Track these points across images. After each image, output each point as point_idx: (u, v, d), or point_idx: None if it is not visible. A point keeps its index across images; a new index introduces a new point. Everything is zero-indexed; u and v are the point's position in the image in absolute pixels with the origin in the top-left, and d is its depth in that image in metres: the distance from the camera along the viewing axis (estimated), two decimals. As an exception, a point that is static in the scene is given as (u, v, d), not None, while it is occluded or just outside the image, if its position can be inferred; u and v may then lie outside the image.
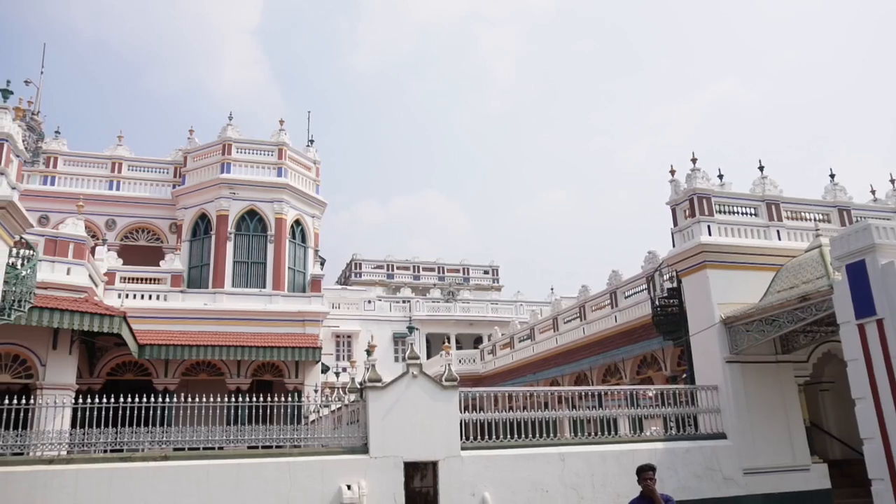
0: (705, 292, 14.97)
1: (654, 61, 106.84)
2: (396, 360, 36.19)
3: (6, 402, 11.56)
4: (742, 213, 16.14)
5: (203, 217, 28.15)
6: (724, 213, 15.89)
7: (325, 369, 25.86)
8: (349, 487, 11.80)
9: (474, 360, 34.20)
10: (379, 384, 12.72)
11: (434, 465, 12.45)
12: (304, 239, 29.35)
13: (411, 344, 13.87)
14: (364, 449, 12.43)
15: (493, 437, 13.19)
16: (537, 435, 13.43)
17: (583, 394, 14.61)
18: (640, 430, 14.46)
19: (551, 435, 13.60)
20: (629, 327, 20.93)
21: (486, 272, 53.37)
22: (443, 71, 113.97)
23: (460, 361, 32.70)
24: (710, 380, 14.78)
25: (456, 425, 12.87)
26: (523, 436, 13.34)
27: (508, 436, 13.26)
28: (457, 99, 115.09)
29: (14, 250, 13.29)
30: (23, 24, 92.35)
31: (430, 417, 12.76)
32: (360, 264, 50.84)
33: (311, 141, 32.31)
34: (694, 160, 16.00)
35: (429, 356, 35.91)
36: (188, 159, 29.68)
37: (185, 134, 30.69)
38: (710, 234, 15.27)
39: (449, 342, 35.51)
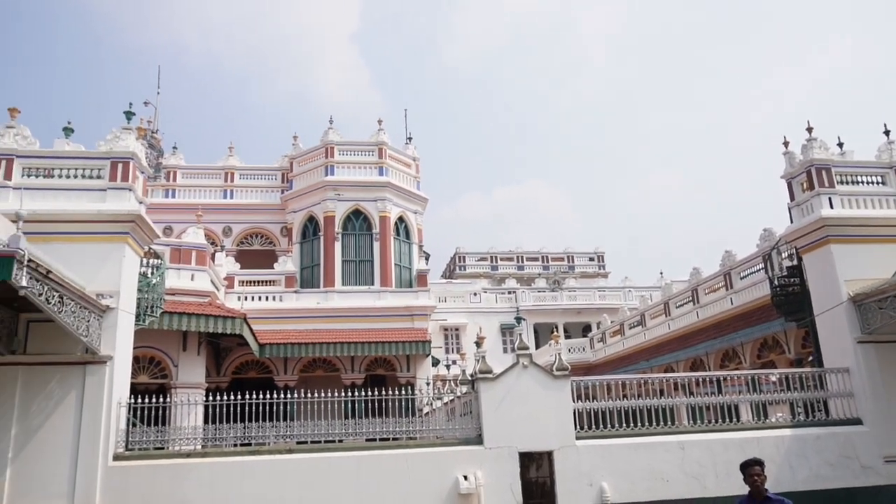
0: (830, 269, 14.07)
1: (760, 28, 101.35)
2: (505, 351, 36.22)
3: (146, 400, 12.47)
4: (867, 183, 15.04)
5: (311, 219, 29.18)
6: (847, 183, 14.85)
7: (435, 362, 26.26)
8: (466, 478, 11.93)
9: (583, 349, 33.75)
10: (490, 375, 12.78)
11: (549, 455, 12.39)
12: (408, 235, 29.86)
13: (520, 334, 13.87)
14: (478, 440, 12.54)
15: (608, 426, 12.98)
16: (653, 423, 13.10)
17: (700, 380, 14.10)
18: (764, 417, 13.81)
19: (668, 423, 13.23)
20: (746, 309, 20.01)
21: (591, 259, 52.42)
22: (539, 57, 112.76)
23: (569, 350, 32.36)
24: (839, 362, 13.91)
25: (569, 415, 12.76)
26: (639, 424, 13.04)
27: (624, 424, 13.01)
28: (555, 85, 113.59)
29: (144, 260, 14.29)
30: (140, 49, 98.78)
31: (543, 407, 12.70)
32: (464, 257, 51.16)
33: (410, 138, 32.81)
34: (809, 129, 15.04)
35: (537, 346, 35.72)
36: (294, 165, 30.85)
37: (290, 140, 31.92)
38: (831, 207, 14.34)
39: (557, 331, 35.14)
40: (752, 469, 6.51)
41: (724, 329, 21.33)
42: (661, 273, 42.06)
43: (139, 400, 12.49)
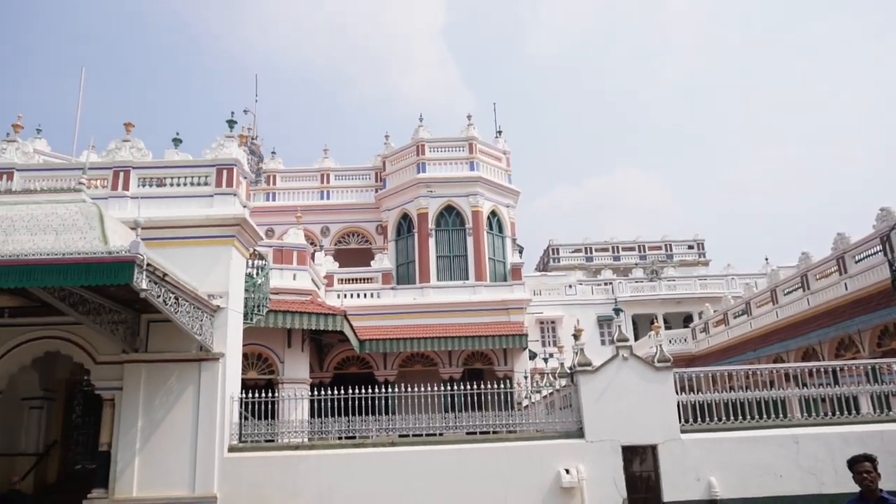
0: (958, 249, 13.05)
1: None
2: (603, 343, 35.64)
3: (255, 395, 13.08)
4: None
5: (405, 217, 29.65)
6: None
7: (532, 356, 26.13)
8: (567, 472, 11.85)
9: (685, 340, 32.72)
10: (589, 368, 12.62)
11: (653, 448, 12.11)
12: (500, 229, 29.84)
13: (618, 326, 13.59)
14: (579, 433, 12.42)
15: (714, 418, 12.55)
16: (763, 416, 12.56)
17: (813, 370, 13.41)
18: (888, 409, 12.95)
19: (780, 416, 12.65)
20: (863, 295, 18.83)
21: (690, 247, 50.68)
22: (628, 40, 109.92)
23: (670, 342, 31.45)
24: (971, 349, 12.88)
25: (673, 407, 12.43)
26: (748, 417, 12.54)
27: (731, 417, 12.54)
28: (645, 68, 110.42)
29: (250, 261, 14.96)
30: (237, 60, 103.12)
31: (645, 400, 12.43)
32: (558, 249, 50.60)
33: (500, 132, 32.75)
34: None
35: (636, 338, 34.92)
36: (386, 163, 31.43)
37: (382, 140, 32.55)
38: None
39: (657, 322, 34.23)
40: (860, 466, 5.78)
41: (838, 316, 20.15)
42: (767, 259, 40.15)
43: (249, 395, 13.12)
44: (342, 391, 13.09)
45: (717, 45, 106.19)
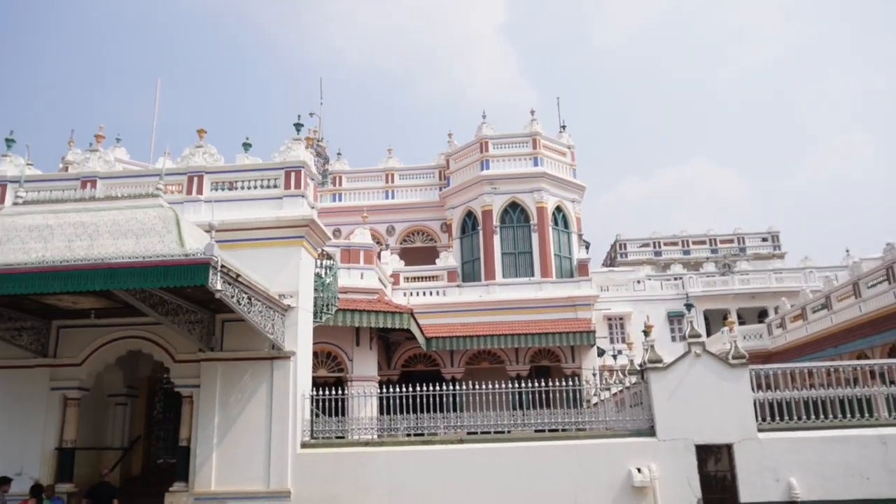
0: None
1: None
2: (673, 339, 34.80)
3: (326, 392, 13.34)
4: None
5: (469, 214, 29.67)
6: None
7: (600, 352, 25.78)
8: (639, 471, 11.63)
9: (760, 336, 31.64)
10: (660, 365, 12.36)
11: (728, 448, 11.76)
12: (566, 225, 29.53)
13: (690, 322, 13.23)
14: (650, 431, 12.17)
15: (793, 417, 12.08)
16: (847, 415, 12.02)
17: (901, 367, 12.74)
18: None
19: (865, 415, 12.08)
20: (955, 287, 17.80)
21: (764, 239, 48.92)
22: (698, 28, 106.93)
23: (745, 338, 30.46)
24: None
25: (749, 405, 12.03)
26: (829, 416, 12.03)
27: (812, 416, 12.05)
28: (716, 56, 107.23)
29: (318, 261, 15.26)
30: (303, 64, 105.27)
31: (719, 398, 12.08)
32: (625, 244, 49.71)
33: (564, 126, 32.39)
34: None
35: (708, 334, 33.96)
36: (450, 162, 31.52)
37: (445, 139, 32.69)
38: None
39: (730, 318, 33.22)
40: None
41: (927, 310, 19.12)
42: (847, 251, 38.37)
43: (319, 392, 13.39)
44: (410, 388, 13.21)
45: (795, 30, 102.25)
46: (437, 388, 13.25)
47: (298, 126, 14.89)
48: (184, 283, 9.93)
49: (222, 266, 10.01)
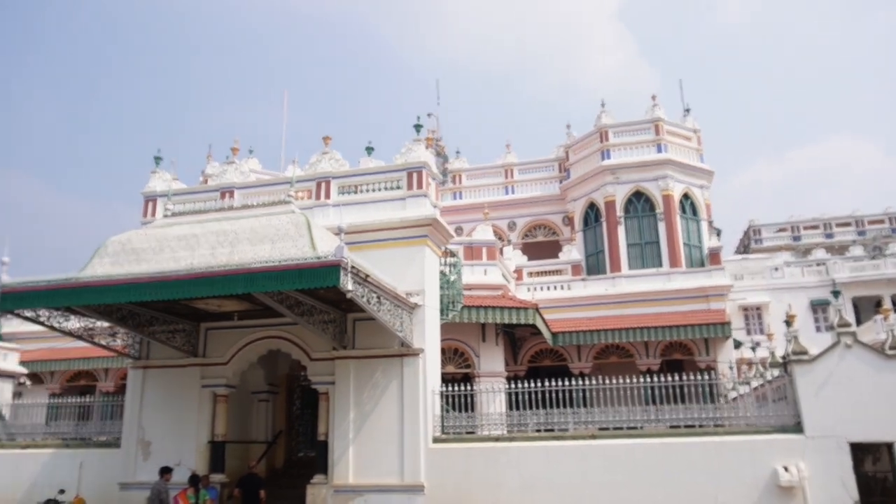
0: None
1: None
2: (818, 329, 32.53)
3: (455, 388, 13.52)
4: None
5: (591, 206, 29.08)
6: None
7: (737, 345, 24.50)
8: (786, 469, 10.97)
9: (921, 324, 28.92)
10: (805, 357, 11.59)
11: (889, 446, 10.88)
12: (694, 212, 28.30)
13: (839, 310, 12.29)
14: (796, 428, 11.45)
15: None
16: None
17: None
18: None
19: None
20: None
21: (920, 218, 44.74)
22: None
23: (902, 326, 27.92)
24: None
25: (911, 400, 11.04)
26: None
27: None
28: (853, 20, 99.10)
29: (442, 259, 15.49)
30: (419, 67, 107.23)
31: (875, 392, 11.18)
32: (759, 230, 47.02)
33: (688, 110, 31.03)
34: None
35: (858, 323, 31.46)
36: (569, 153, 31.02)
37: (563, 130, 32.20)
38: None
39: (884, 305, 30.64)
40: None
41: None
42: None
43: (448, 388, 13.59)
44: (537, 384, 13.14)
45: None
46: (565, 383, 13.10)
47: (418, 127, 15.17)
48: (317, 285, 10.40)
49: (352, 267, 10.38)
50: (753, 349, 24.31)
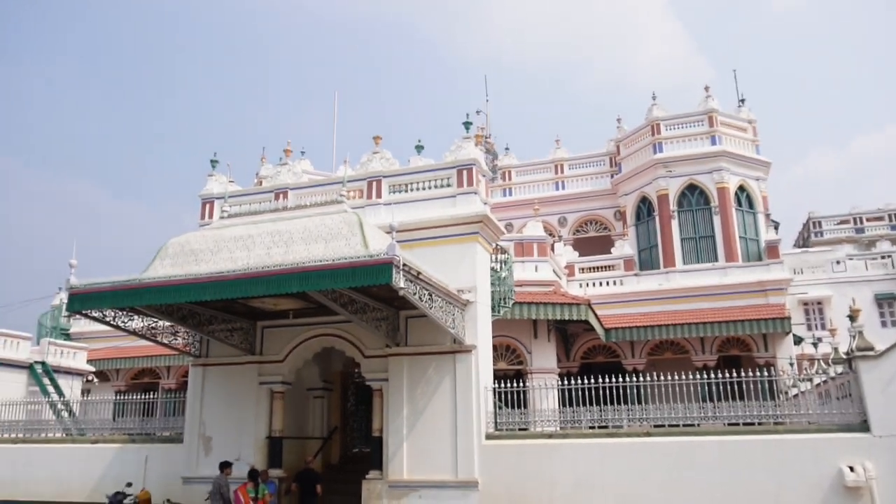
0: None
1: None
2: (884, 324, 31.39)
3: (507, 385, 13.51)
4: None
5: (644, 200, 28.66)
6: None
7: (797, 340, 23.84)
8: (852, 469, 10.63)
9: None
10: (871, 353, 11.21)
11: (963, 446, 10.42)
12: (751, 205, 27.61)
13: (906, 305, 11.84)
14: (863, 426, 11.10)
15: None
16: None
17: None
18: None
19: None
20: None
21: None
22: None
23: (976, 321, 26.76)
24: None
25: None
26: None
27: None
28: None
29: (493, 256, 15.50)
30: (467, 63, 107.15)
31: (950, 389, 10.73)
32: (819, 222, 45.46)
33: (743, 100, 30.29)
34: None
35: (930, 317, 30.26)
36: (620, 147, 30.62)
37: (614, 124, 31.78)
38: None
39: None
40: None
41: None
42: None
43: (500, 385, 13.59)
44: (590, 380, 13.03)
45: None
46: (619, 379, 12.96)
47: (467, 125, 15.20)
48: (369, 283, 10.54)
49: (404, 265, 10.49)
50: (815, 345, 23.59)
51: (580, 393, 13.01)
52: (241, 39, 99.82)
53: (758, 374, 12.43)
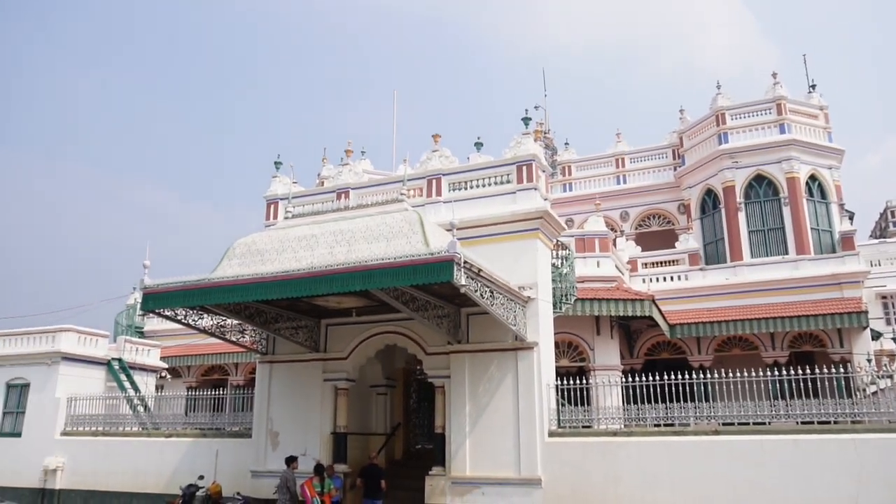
0: None
1: None
2: (970, 319, 29.74)
3: (570, 382, 13.39)
4: None
5: (709, 192, 27.93)
6: None
7: (875, 336, 22.82)
8: (936, 470, 10.13)
9: None
10: (956, 349, 10.64)
11: None
12: (823, 194, 26.56)
13: None
14: (948, 426, 10.55)
15: None
16: None
17: None
18: None
19: None
20: None
21: None
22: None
23: None
24: None
25: None
26: None
27: None
28: None
29: (554, 252, 15.37)
30: (525, 58, 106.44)
31: None
32: (898, 211, 43.48)
33: (813, 86, 29.15)
34: None
35: None
36: (683, 139, 29.90)
37: (676, 115, 31.07)
38: None
39: None
40: None
41: None
42: None
43: (563, 382, 13.47)
44: (655, 377, 12.79)
45: None
46: (685, 376, 12.68)
47: (526, 120, 15.12)
48: (431, 280, 10.60)
49: (465, 262, 10.50)
50: (895, 340, 22.57)
51: (644, 390, 12.78)
52: (305, 43, 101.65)
53: (833, 370, 11.96)
